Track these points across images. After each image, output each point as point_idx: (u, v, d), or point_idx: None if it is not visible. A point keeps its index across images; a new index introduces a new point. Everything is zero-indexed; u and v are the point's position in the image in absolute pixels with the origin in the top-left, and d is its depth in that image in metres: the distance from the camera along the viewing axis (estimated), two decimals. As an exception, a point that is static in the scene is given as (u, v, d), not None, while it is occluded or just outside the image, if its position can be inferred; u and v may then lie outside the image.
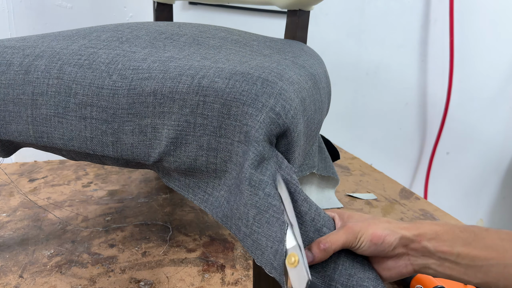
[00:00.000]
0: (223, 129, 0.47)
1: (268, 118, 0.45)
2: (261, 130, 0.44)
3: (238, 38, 0.67)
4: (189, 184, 0.53)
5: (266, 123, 0.45)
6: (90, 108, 0.51)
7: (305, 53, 0.72)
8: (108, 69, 0.51)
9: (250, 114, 0.45)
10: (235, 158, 0.48)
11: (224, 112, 0.46)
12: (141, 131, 0.50)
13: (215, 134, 0.48)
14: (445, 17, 1.60)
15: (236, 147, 0.47)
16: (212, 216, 0.51)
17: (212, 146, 0.48)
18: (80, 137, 0.52)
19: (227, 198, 0.49)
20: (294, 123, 0.46)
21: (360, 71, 1.61)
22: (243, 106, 0.45)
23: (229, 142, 0.47)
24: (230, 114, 0.46)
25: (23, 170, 1.15)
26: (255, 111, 0.45)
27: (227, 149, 0.48)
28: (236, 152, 0.47)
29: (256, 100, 0.45)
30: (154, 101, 0.49)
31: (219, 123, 0.47)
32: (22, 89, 0.53)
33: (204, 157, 0.49)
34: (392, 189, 1.20)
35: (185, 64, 0.50)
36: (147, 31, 0.62)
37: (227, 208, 0.49)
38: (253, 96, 0.45)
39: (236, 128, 0.46)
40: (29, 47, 0.56)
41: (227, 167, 0.49)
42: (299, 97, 0.50)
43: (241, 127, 0.46)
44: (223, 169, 0.49)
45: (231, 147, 0.47)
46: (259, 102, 0.45)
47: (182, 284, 0.70)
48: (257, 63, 0.53)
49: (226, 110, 0.46)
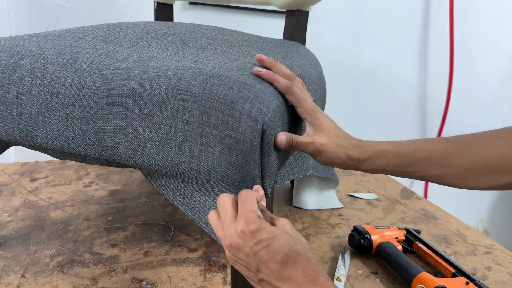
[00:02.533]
0: (204, 137, 0.47)
1: (248, 127, 0.44)
2: (246, 143, 0.45)
3: (228, 38, 0.66)
4: (169, 186, 0.53)
5: (247, 132, 0.44)
6: (72, 108, 0.51)
7: (298, 54, 0.71)
8: (90, 69, 0.51)
9: (231, 125, 0.45)
10: (219, 168, 0.47)
11: (205, 120, 0.46)
12: (122, 132, 0.50)
13: (196, 141, 0.47)
14: (445, 17, 1.60)
15: (218, 157, 0.47)
16: (195, 221, 0.51)
17: (195, 154, 0.48)
18: (63, 136, 0.52)
19: (215, 204, 0.49)
20: (271, 126, 0.46)
21: (360, 71, 1.61)
22: (223, 115, 0.45)
23: (211, 152, 0.47)
24: (211, 123, 0.46)
25: (24, 170, 1.15)
26: (235, 122, 0.45)
27: (210, 159, 0.47)
28: (220, 163, 0.47)
29: (233, 109, 0.45)
30: (133, 102, 0.49)
31: (199, 130, 0.47)
32: (7, 88, 0.54)
33: (187, 163, 0.49)
34: (393, 189, 1.20)
35: (164, 65, 0.50)
36: (135, 30, 0.62)
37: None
38: (229, 104, 0.45)
39: (217, 138, 0.46)
40: (17, 47, 0.56)
41: (210, 176, 0.48)
42: (279, 99, 0.50)
43: (223, 138, 0.46)
44: (207, 177, 0.49)
45: (213, 156, 0.47)
46: (236, 110, 0.45)
47: (184, 284, 0.70)
48: (239, 64, 0.52)
49: (206, 117, 0.46)
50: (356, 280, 0.75)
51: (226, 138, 0.46)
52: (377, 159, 0.53)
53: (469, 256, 0.86)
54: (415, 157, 0.52)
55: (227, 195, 0.43)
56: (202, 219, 0.50)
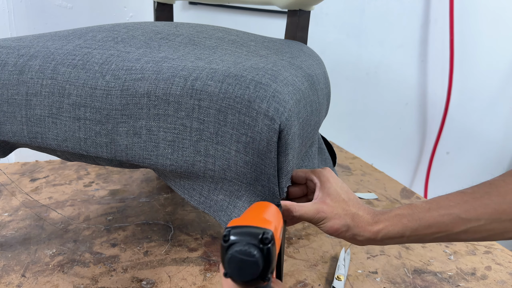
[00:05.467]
0: (220, 136, 0.47)
1: (265, 127, 0.45)
2: (262, 142, 0.44)
3: (235, 38, 0.66)
4: (184, 185, 0.52)
5: (264, 132, 0.44)
6: (84, 109, 0.50)
7: (304, 54, 0.71)
8: (102, 70, 0.50)
9: (247, 124, 0.45)
10: (235, 167, 0.47)
11: (221, 119, 0.46)
12: (136, 133, 0.50)
13: (212, 141, 0.47)
14: (445, 17, 1.61)
15: (234, 156, 0.47)
16: (215, 219, 0.51)
17: (210, 153, 0.48)
18: (74, 138, 0.52)
19: (233, 203, 0.49)
20: (288, 125, 0.46)
21: (360, 71, 1.61)
22: (239, 114, 0.45)
23: (226, 151, 0.47)
24: (227, 122, 0.46)
25: (25, 170, 1.15)
26: (252, 121, 0.45)
27: (225, 157, 0.47)
28: (235, 162, 0.47)
29: (250, 108, 0.45)
30: (148, 102, 0.48)
31: (215, 129, 0.47)
32: (16, 89, 0.53)
33: (202, 163, 0.49)
34: (393, 189, 1.20)
35: (179, 65, 0.49)
36: (143, 31, 0.61)
37: (236, 215, 0.49)
38: (246, 103, 0.45)
39: (233, 137, 0.46)
40: (24, 47, 0.55)
41: (226, 175, 0.48)
42: (293, 98, 0.50)
43: (239, 137, 0.46)
44: (222, 176, 0.49)
45: (229, 155, 0.47)
46: (253, 110, 0.45)
47: (184, 283, 0.70)
48: (252, 64, 0.52)
49: (222, 117, 0.46)
50: (356, 279, 0.75)
51: (242, 137, 0.46)
52: (392, 226, 0.49)
53: (469, 255, 0.86)
54: (432, 217, 0.47)
55: None
56: (222, 218, 0.50)
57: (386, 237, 0.49)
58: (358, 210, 0.50)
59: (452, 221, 0.46)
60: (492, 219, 0.45)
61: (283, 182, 0.48)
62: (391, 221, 0.49)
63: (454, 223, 0.46)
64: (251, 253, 0.33)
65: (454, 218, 0.46)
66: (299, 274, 0.75)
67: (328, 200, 0.50)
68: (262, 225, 0.36)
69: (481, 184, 0.48)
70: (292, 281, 0.73)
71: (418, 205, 0.49)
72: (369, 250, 0.84)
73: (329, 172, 0.53)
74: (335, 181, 0.52)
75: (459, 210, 0.46)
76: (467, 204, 0.46)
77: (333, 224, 0.49)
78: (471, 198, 0.46)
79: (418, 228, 0.48)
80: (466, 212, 0.46)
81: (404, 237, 0.48)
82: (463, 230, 0.46)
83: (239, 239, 0.34)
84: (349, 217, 0.50)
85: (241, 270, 0.33)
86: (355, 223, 0.49)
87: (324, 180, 0.52)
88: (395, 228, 0.48)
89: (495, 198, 0.45)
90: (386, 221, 0.49)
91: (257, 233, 0.34)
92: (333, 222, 0.49)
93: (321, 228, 0.50)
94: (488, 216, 0.45)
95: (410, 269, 0.79)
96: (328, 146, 0.89)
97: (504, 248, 0.90)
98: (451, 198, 0.48)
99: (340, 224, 0.49)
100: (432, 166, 1.80)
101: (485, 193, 0.46)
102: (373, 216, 0.50)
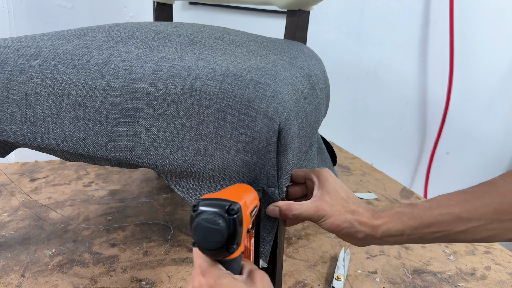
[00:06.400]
0: (219, 135, 0.47)
1: (264, 126, 0.45)
2: (261, 141, 0.44)
3: (235, 38, 0.66)
4: (184, 185, 0.53)
5: (263, 131, 0.45)
6: (84, 109, 0.51)
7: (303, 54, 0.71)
8: (101, 70, 0.50)
9: (247, 124, 0.45)
10: (234, 167, 0.48)
11: (220, 119, 0.46)
12: (135, 133, 0.50)
13: (211, 140, 0.48)
14: (445, 17, 1.60)
15: (234, 156, 0.47)
16: None
17: (209, 153, 0.48)
18: (74, 137, 0.52)
19: None
20: (287, 125, 0.46)
21: (360, 71, 1.61)
22: (239, 114, 0.45)
23: (226, 150, 0.47)
24: (226, 122, 0.46)
25: (24, 170, 1.15)
26: (251, 121, 0.45)
27: (225, 157, 0.48)
28: (235, 161, 0.47)
29: (249, 107, 0.45)
30: (148, 102, 0.48)
31: (215, 129, 0.47)
32: (16, 89, 0.53)
33: (202, 162, 0.49)
34: (392, 189, 1.20)
35: (178, 65, 0.50)
36: (143, 31, 0.61)
37: None
38: (245, 103, 0.45)
39: (232, 136, 0.46)
40: (24, 47, 0.55)
41: (225, 175, 0.49)
42: (293, 98, 0.50)
43: (238, 136, 0.46)
44: (221, 176, 0.49)
45: (228, 155, 0.47)
46: (252, 109, 0.45)
47: (184, 283, 0.70)
48: (252, 64, 0.52)
49: (222, 116, 0.46)
50: (356, 279, 0.75)
51: (242, 137, 0.46)
52: (392, 223, 0.48)
53: (468, 255, 0.86)
54: (433, 215, 0.47)
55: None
56: None
57: (386, 234, 0.49)
58: (357, 207, 0.50)
59: (452, 220, 0.46)
60: (492, 219, 0.45)
61: (283, 181, 0.48)
62: (391, 218, 0.49)
63: (454, 223, 0.46)
64: (216, 221, 0.34)
65: (455, 217, 0.46)
66: (299, 274, 0.75)
67: (327, 197, 0.50)
68: (232, 199, 0.37)
69: (482, 184, 0.47)
70: (292, 281, 0.73)
71: (419, 204, 0.49)
72: (368, 250, 0.84)
73: (327, 172, 0.53)
74: (333, 180, 0.52)
75: (460, 210, 0.46)
76: (468, 204, 0.46)
77: (334, 220, 0.49)
78: (472, 198, 0.46)
79: (418, 227, 0.48)
80: (467, 212, 0.46)
81: (404, 235, 0.48)
82: (463, 230, 0.46)
83: (207, 210, 0.35)
84: (349, 213, 0.50)
85: (206, 238, 0.35)
86: (355, 218, 0.49)
87: (323, 178, 0.52)
88: (395, 226, 0.48)
89: (496, 198, 0.45)
90: (386, 218, 0.49)
91: (225, 204, 0.35)
92: (334, 218, 0.49)
93: (322, 226, 0.50)
94: (488, 216, 0.45)
95: (410, 269, 0.79)
96: (327, 146, 0.89)
97: (503, 248, 0.89)
98: (451, 198, 0.48)
99: (341, 221, 0.49)
100: (432, 166, 1.80)
101: (485, 192, 0.46)
102: (372, 213, 0.50)
